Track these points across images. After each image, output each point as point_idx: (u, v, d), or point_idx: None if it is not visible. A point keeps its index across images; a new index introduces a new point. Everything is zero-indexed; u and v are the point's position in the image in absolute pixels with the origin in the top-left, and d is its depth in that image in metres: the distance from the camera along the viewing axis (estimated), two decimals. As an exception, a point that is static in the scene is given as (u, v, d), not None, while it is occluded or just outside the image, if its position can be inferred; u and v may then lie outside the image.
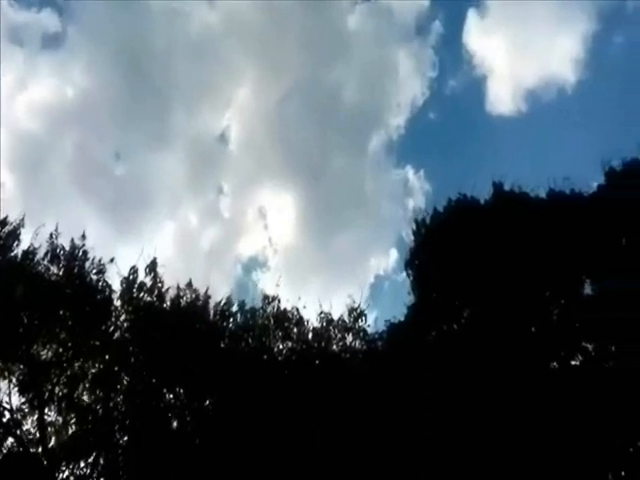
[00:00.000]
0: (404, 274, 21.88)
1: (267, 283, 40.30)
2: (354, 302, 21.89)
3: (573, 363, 19.09)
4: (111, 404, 20.41)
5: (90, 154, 42.98)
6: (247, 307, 22.57)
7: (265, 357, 21.45)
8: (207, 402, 20.84)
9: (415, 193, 43.03)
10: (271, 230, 48.56)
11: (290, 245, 45.73)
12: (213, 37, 47.41)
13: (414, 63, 43.88)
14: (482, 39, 42.93)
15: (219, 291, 22.62)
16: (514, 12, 42.45)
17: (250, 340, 21.88)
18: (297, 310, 22.23)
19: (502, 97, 41.49)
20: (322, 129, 45.58)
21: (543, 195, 21.17)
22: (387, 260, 38.07)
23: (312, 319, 21.97)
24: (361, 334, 21.38)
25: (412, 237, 22.69)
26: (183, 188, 49.31)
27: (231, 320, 22.33)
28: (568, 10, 41.82)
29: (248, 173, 48.67)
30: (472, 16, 42.02)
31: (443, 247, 21.84)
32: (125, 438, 20.32)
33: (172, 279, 22.19)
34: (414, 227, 22.82)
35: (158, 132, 46.02)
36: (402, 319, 21.08)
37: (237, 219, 47.75)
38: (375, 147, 45.93)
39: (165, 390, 21.00)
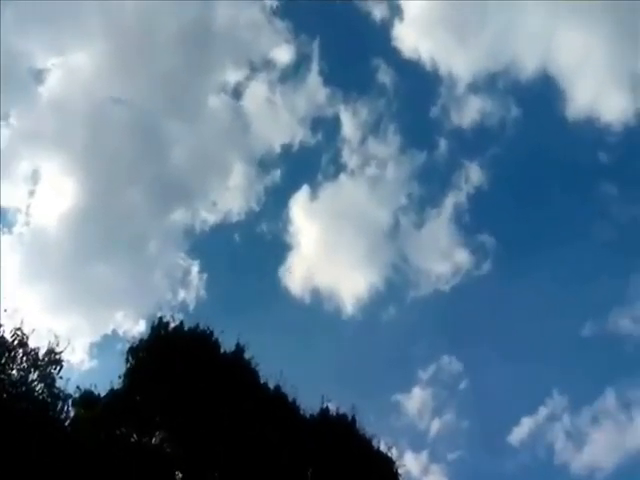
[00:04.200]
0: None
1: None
2: (57, 344, 18.88)
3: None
4: None
5: None
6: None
7: None
8: None
9: (190, 288, 40.72)
10: (35, 201, 42.28)
11: (44, 231, 41.65)
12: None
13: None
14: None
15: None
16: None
17: None
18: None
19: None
20: (138, 162, 43.07)
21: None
22: (132, 325, 34.40)
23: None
24: (48, 380, 18.17)
25: (149, 331, 21.56)
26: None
27: None
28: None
29: (46, 131, 43.08)
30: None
31: (165, 362, 21.02)
32: None
33: None
34: (155, 324, 21.88)
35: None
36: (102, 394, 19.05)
37: (6, 158, 40.32)
38: (178, 221, 43.40)
39: None
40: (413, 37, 42.17)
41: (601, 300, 38.21)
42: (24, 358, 18.17)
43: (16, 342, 18.24)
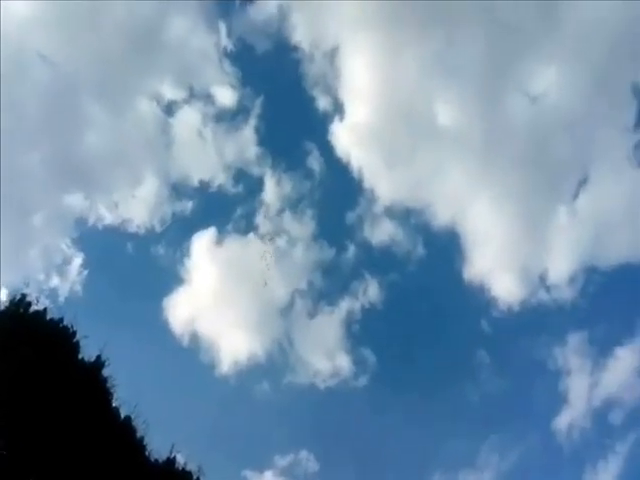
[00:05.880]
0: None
1: None
2: None
3: None
4: None
5: None
6: None
7: None
8: None
9: (66, 279, 37.82)
10: None
11: None
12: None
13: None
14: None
15: None
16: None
17: None
18: None
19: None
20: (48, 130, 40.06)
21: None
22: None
23: None
24: None
25: (7, 304, 18.19)
26: None
27: None
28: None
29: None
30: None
31: (14, 344, 17.67)
32: None
33: None
34: (16, 299, 18.65)
35: None
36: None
37: None
38: (72, 205, 40.82)
39: None
40: (348, 140, 42.55)
41: (455, 457, 38.38)
42: None
43: None
